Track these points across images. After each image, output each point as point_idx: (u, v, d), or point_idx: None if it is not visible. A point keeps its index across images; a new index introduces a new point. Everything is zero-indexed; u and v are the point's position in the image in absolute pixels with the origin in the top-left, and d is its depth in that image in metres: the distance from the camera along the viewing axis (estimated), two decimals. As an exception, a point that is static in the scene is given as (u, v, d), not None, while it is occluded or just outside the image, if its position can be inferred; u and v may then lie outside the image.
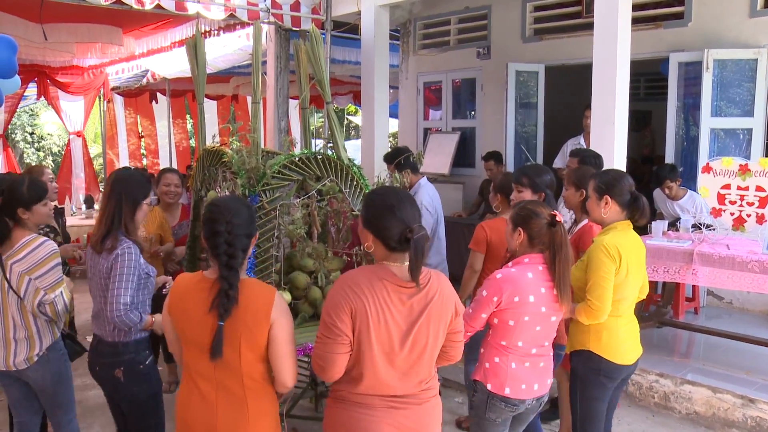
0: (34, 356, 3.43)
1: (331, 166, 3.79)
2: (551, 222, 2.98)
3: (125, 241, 3.14)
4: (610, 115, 5.15)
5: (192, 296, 2.54)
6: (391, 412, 2.46)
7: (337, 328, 2.38)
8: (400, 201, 2.45)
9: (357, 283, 2.41)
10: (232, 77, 11.93)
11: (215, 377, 2.52)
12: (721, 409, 4.69)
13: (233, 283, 2.46)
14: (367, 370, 2.42)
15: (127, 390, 3.21)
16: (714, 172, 5.41)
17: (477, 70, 8.75)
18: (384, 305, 2.39)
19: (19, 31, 6.76)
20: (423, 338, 2.45)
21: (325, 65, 4.07)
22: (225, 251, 2.48)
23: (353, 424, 2.46)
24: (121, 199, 3.18)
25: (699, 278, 4.99)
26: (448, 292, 2.53)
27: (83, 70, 10.79)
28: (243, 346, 2.47)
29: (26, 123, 20.98)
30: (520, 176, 3.95)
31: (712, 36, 6.54)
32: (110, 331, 3.18)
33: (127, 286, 3.09)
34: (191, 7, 6.29)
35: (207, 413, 2.52)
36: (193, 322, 2.52)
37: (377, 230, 2.45)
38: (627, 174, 3.49)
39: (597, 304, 3.20)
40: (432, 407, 2.56)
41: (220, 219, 2.51)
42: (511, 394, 2.98)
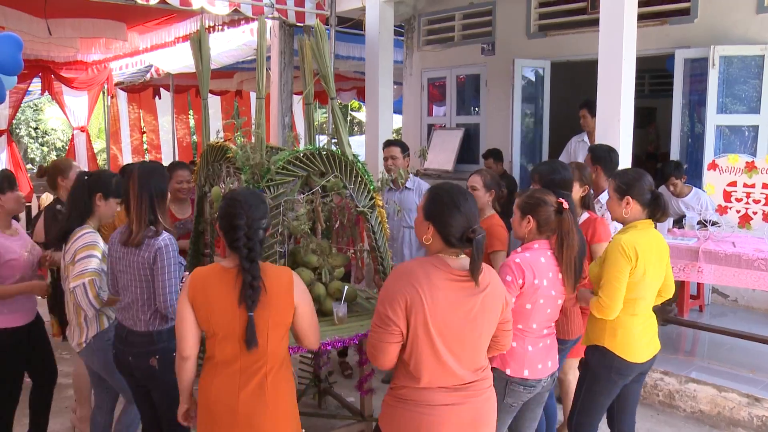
0: (83, 342, 3.61)
1: (335, 162, 3.78)
2: (558, 209, 3.10)
3: (163, 233, 3.21)
4: (615, 111, 5.13)
5: (214, 287, 2.63)
6: (453, 409, 2.50)
7: (389, 319, 2.44)
8: (466, 199, 2.52)
9: (414, 274, 2.46)
10: (236, 73, 11.93)
11: (240, 362, 2.62)
12: (727, 408, 4.67)
13: (256, 275, 2.57)
14: (426, 361, 2.46)
15: (163, 377, 3.23)
16: (720, 170, 5.38)
17: (481, 66, 8.72)
18: (441, 296, 2.43)
19: (23, 26, 6.76)
20: (479, 327, 2.51)
21: (329, 61, 4.05)
22: (245, 244, 2.59)
23: (414, 424, 2.49)
24: (152, 194, 3.23)
25: (704, 276, 4.98)
26: (497, 283, 2.61)
27: (87, 65, 10.79)
28: (270, 329, 2.62)
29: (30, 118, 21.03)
30: (533, 173, 4.02)
31: (718, 32, 6.50)
32: (145, 321, 3.22)
33: (175, 276, 3.19)
34: (196, 3, 6.28)
35: (229, 396, 2.62)
36: (218, 313, 2.61)
37: (441, 225, 2.50)
38: (646, 173, 3.50)
39: (607, 302, 3.25)
40: (487, 398, 2.62)
41: (240, 213, 2.62)
42: (530, 375, 3.08)
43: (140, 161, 3.43)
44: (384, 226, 3.98)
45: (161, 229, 3.22)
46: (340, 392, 4.88)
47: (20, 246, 3.89)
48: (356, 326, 3.79)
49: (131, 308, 3.25)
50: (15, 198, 3.92)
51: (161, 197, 3.28)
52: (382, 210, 3.98)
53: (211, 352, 2.68)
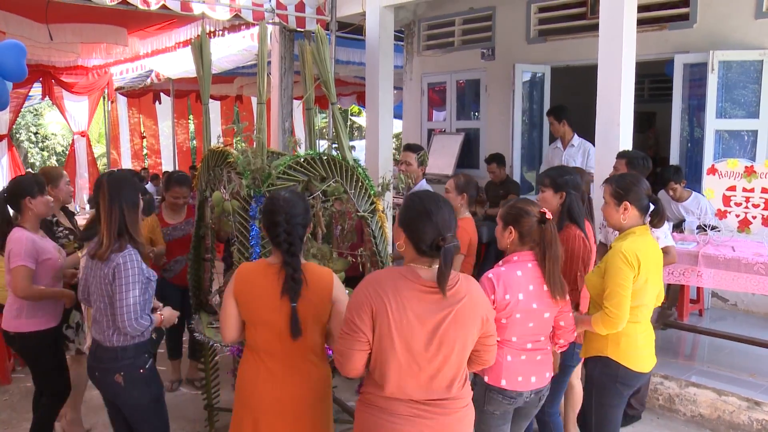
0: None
1: (336, 166, 3.79)
2: (541, 219, 3.02)
3: (127, 248, 3.13)
4: (615, 116, 5.14)
5: (260, 281, 2.79)
6: (415, 421, 2.45)
7: (356, 326, 2.43)
8: (438, 207, 2.48)
9: (380, 282, 2.45)
10: (236, 77, 11.97)
11: (283, 354, 2.77)
12: (726, 412, 4.67)
13: (297, 267, 2.74)
14: (391, 371, 2.43)
15: (128, 395, 3.20)
16: (719, 174, 5.39)
17: (481, 71, 8.74)
18: (407, 305, 2.40)
19: (24, 31, 6.79)
20: (450, 341, 2.44)
21: (330, 66, 4.06)
22: (285, 239, 2.76)
23: (378, 430, 2.48)
24: (122, 206, 3.15)
25: (704, 280, 4.99)
26: (477, 295, 2.54)
27: (88, 70, 10.81)
28: (310, 324, 2.77)
29: (31, 123, 21.06)
30: (542, 176, 3.95)
31: (717, 37, 6.53)
32: (110, 336, 3.16)
33: (135, 293, 3.10)
34: (196, 8, 6.30)
35: (274, 387, 2.78)
36: (264, 306, 2.76)
37: (410, 232, 2.48)
38: (643, 177, 3.47)
39: (615, 312, 3.16)
40: (460, 418, 2.54)
41: (279, 211, 2.79)
42: (507, 386, 3.01)
43: (109, 171, 3.38)
44: (384, 230, 3.99)
45: (125, 244, 3.13)
46: (340, 396, 4.88)
47: (52, 246, 4.00)
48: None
49: (100, 322, 3.20)
50: (45, 202, 3.98)
51: (133, 209, 3.21)
52: (383, 215, 3.99)
53: (253, 344, 2.83)
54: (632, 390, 3.40)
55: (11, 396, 5.29)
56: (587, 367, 3.46)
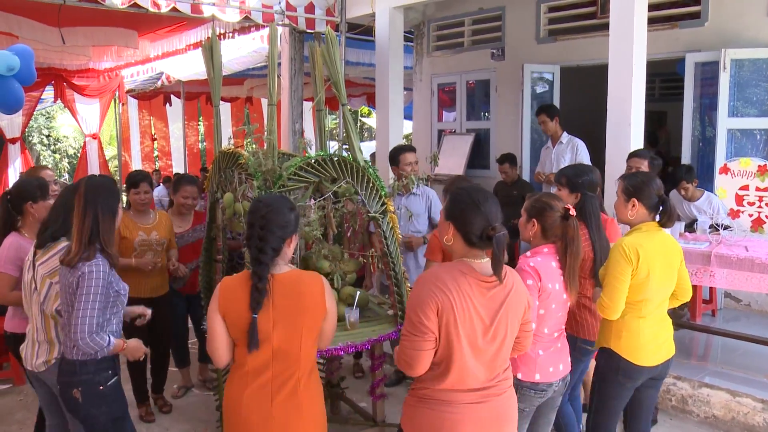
0: (52, 359, 3.35)
1: (346, 167, 3.79)
2: (564, 215, 3.11)
3: (96, 257, 2.97)
4: (626, 115, 5.12)
5: (240, 294, 2.59)
6: (474, 408, 2.51)
7: (423, 326, 2.43)
8: (486, 198, 2.53)
9: (441, 279, 2.47)
10: (246, 79, 11.99)
11: (273, 368, 2.60)
12: (741, 414, 4.64)
13: (262, 276, 2.54)
14: (455, 364, 2.47)
15: (86, 411, 3.05)
16: (732, 173, 5.36)
17: (491, 71, 8.73)
18: (468, 299, 2.44)
19: (37, 35, 6.84)
20: (503, 329, 2.52)
21: (340, 67, 4.07)
22: (256, 245, 2.58)
23: (437, 423, 2.51)
24: (97, 212, 3.01)
25: (716, 280, 4.95)
26: (520, 285, 2.62)
27: (99, 73, 10.87)
28: (305, 333, 2.62)
29: (43, 125, 21.18)
30: (559, 176, 4.00)
31: (729, 35, 6.49)
32: (69, 348, 3.02)
33: (94, 306, 2.92)
34: (206, 10, 6.32)
35: (262, 404, 2.59)
36: (242, 320, 2.57)
37: (460, 224, 2.52)
38: (656, 177, 3.50)
39: (607, 302, 3.27)
40: (509, 397, 2.63)
41: (257, 213, 2.62)
42: (541, 379, 3.09)
43: (89, 175, 3.29)
44: (395, 231, 3.99)
45: (95, 253, 2.97)
46: (352, 397, 4.88)
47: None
48: (368, 331, 3.80)
49: (65, 331, 3.06)
50: (47, 206, 3.80)
51: (111, 216, 3.07)
52: (394, 215, 3.99)
53: (241, 361, 2.63)
54: (636, 383, 3.43)
55: (26, 396, 5.33)
56: (597, 358, 3.56)
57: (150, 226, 4.81)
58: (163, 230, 4.87)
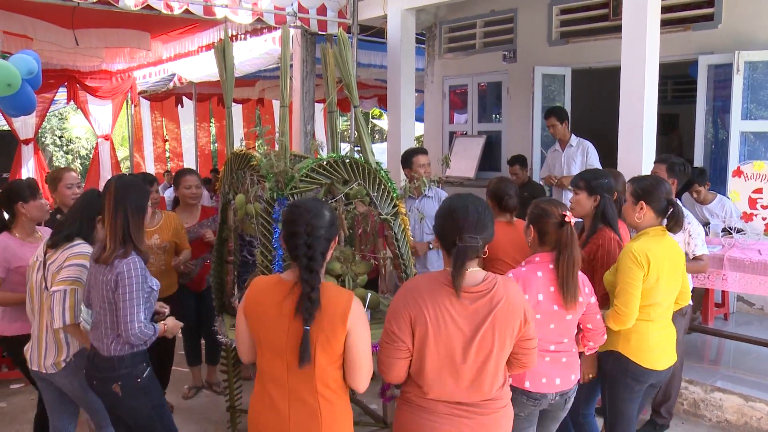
0: (62, 362, 3.40)
1: (358, 169, 3.79)
2: (561, 222, 3.03)
3: (131, 254, 3.06)
4: (638, 118, 5.10)
5: (269, 299, 2.48)
6: (455, 420, 2.48)
7: (395, 335, 2.44)
8: (465, 208, 2.48)
9: (418, 289, 2.46)
10: (258, 81, 12.01)
11: (288, 384, 2.45)
12: (754, 418, 4.61)
13: (315, 286, 2.39)
14: (431, 376, 2.45)
15: (127, 404, 3.15)
16: (745, 176, 5.33)
17: (503, 73, 8.71)
18: (445, 311, 2.41)
19: (51, 36, 6.89)
20: (488, 344, 2.45)
21: (352, 69, 4.07)
22: (305, 253, 2.42)
23: (416, 429, 2.50)
24: (127, 211, 3.09)
25: (729, 284, 4.92)
26: (515, 297, 2.52)
27: (112, 74, 10.93)
28: (318, 351, 2.40)
29: (56, 126, 21.32)
30: (577, 179, 3.95)
31: (742, 37, 6.45)
32: (107, 345, 3.09)
33: (138, 302, 3.04)
34: (219, 12, 6.34)
35: (279, 422, 2.46)
36: (270, 326, 2.46)
37: (438, 232, 2.55)
38: (665, 181, 3.51)
39: (623, 310, 3.25)
40: (499, 418, 2.56)
41: (300, 220, 2.45)
42: (531, 387, 3.02)
43: (118, 174, 3.27)
44: (407, 233, 3.99)
45: (130, 250, 3.06)
46: (362, 399, 4.88)
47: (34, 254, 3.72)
48: (379, 333, 3.79)
49: (97, 329, 3.14)
50: (38, 206, 3.88)
51: (139, 215, 3.14)
52: (405, 218, 3.99)
53: (261, 368, 2.54)
54: (644, 386, 3.42)
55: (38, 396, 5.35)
56: (601, 362, 3.50)
57: (152, 229, 4.70)
58: (166, 233, 4.78)
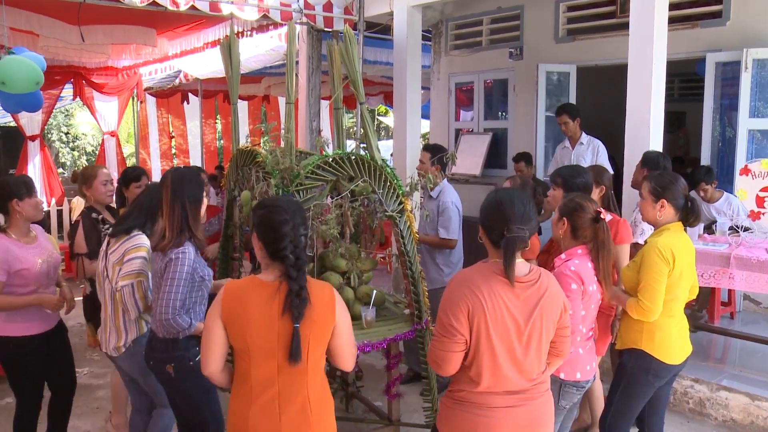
0: (122, 347, 3.58)
1: (364, 166, 3.79)
2: (595, 218, 3.16)
3: (185, 244, 3.15)
4: (645, 116, 5.08)
5: (253, 301, 2.46)
6: (510, 412, 2.52)
7: (453, 328, 2.45)
8: (511, 200, 2.52)
9: (473, 281, 2.48)
10: (264, 78, 12.01)
11: (279, 383, 2.47)
12: (760, 418, 4.59)
13: (303, 285, 2.45)
14: (487, 366, 2.47)
15: (179, 385, 3.24)
16: (753, 175, 5.30)
17: (509, 70, 8.69)
18: (500, 301, 2.45)
19: (57, 33, 6.90)
20: (537, 332, 2.51)
21: (358, 65, 4.07)
22: (292, 252, 2.46)
23: (472, 427, 2.52)
24: (185, 202, 3.18)
25: (736, 282, 4.90)
26: (556, 288, 2.60)
27: (117, 70, 10.95)
28: (312, 345, 2.47)
29: (62, 123, 21.34)
30: (555, 175, 4.06)
31: (751, 35, 6.42)
32: (159, 329, 3.20)
33: (178, 290, 3.07)
34: (225, 8, 6.34)
35: (270, 423, 2.47)
36: (259, 329, 2.44)
37: (484, 224, 2.57)
38: (681, 177, 3.54)
39: (648, 305, 3.29)
40: (545, 401, 2.62)
41: (286, 219, 2.48)
42: (581, 377, 3.16)
43: (173, 167, 3.27)
44: (412, 230, 3.98)
45: (184, 240, 3.15)
46: (367, 396, 4.88)
47: (34, 255, 3.75)
48: (384, 330, 3.80)
49: (155, 312, 3.22)
50: (33, 204, 3.79)
51: (196, 205, 3.23)
52: (411, 215, 3.99)
53: (245, 374, 2.49)
54: (663, 382, 3.48)
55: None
56: (623, 358, 3.55)
57: None
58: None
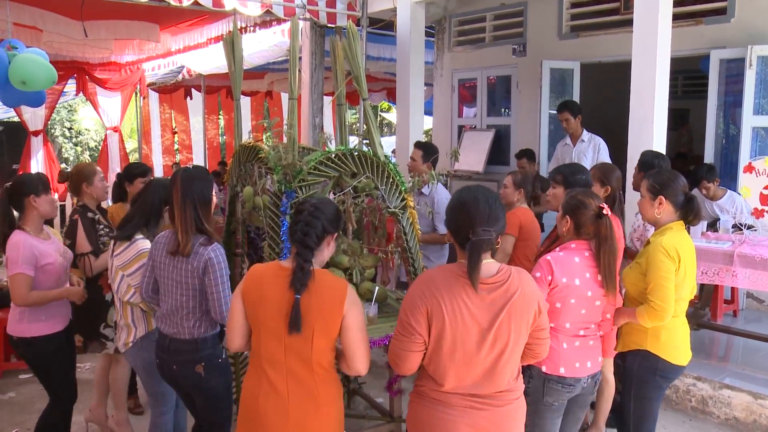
0: (130, 342, 3.63)
1: (367, 162, 3.78)
2: (598, 214, 3.10)
3: (214, 242, 3.18)
4: (648, 113, 5.07)
5: (270, 283, 2.63)
6: (470, 413, 2.48)
7: (411, 327, 2.45)
8: (475, 200, 2.47)
9: (434, 281, 2.46)
10: (267, 73, 12.00)
11: (285, 364, 2.59)
12: (763, 416, 4.58)
13: (308, 259, 2.57)
14: (447, 367, 2.45)
15: (208, 384, 3.25)
16: (756, 172, 5.30)
17: (512, 67, 8.67)
18: (462, 303, 2.41)
19: (60, 28, 6.90)
20: (504, 335, 2.45)
21: (361, 61, 4.06)
22: (301, 230, 2.61)
23: (432, 422, 2.51)
24: (195, 203, 3.17)
25: (739, 280, 4.89)
26: (530, 289, 2.52)
27: (121, 66, 10.93)
28: (316, 334, 2.55)
29: (65, 118, 21.35)
30: (555, 173, 4.06)
31: (755, 32, 6.39)
32: (189, 329, 3.20)
33: (227, 285, 3.16)
34: (228, 4, 6.33)
35: (278, 402, 2.60)
36: (270, 310, 2.59)
37: (449, 225, 2.55)
38: (680, 175, 3.50)
39: (661, 305, 3.20)
40: (513, 410, 2.57)
41: (306, 205, 2.69)
42: (566, 373, 3.06)
43: (184, 167, 3.27)
44: (415, 227, 3.98)
45: (213, 238, 3.18)
46: (369, 392, 4.88)
47: (54, 250, 3.82)
48: (386, 327, 3.79)
49: (174, 316, 3.22)
50: (50, 201, 3.83)
51: (206, 205, 3.22)
52: (414, 211, 3.98)
53: (256, 353, 2.66)
54: (671, 382, 3.46)
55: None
56: (626, 361, 3.49)
57: None
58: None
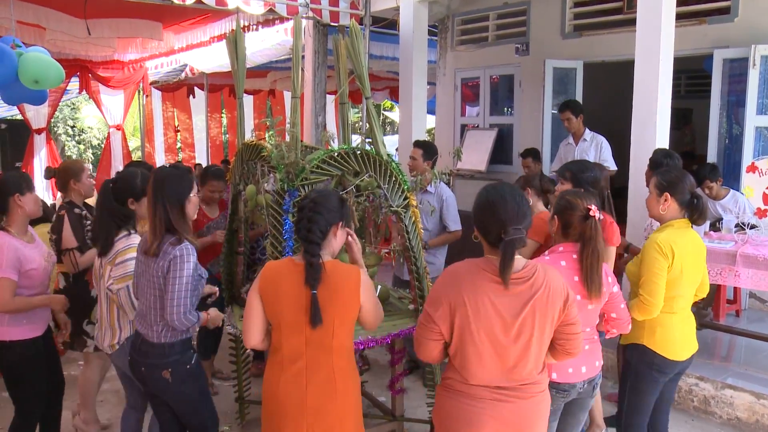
0: (115, 344, 3.63)
1: (369, 161, 3.78)
2: (585, 215, 3.04)
3: (184, 242, 3.10)
4: (651, 113, 5.07)
5: (285, 278, 2.71)
6: (496, 405, 2.52)
7: (431, 318, 2.52)
8: (504, 199, 2.49)
9: (458, 276, 2.51)
10: (270, 72, 12.00)
11: (306, 355, 2.69)
12: (766, 416, 4.57)
13: (315, 253, 2.66)
14: (472, 359, 2.49)
15: (177, 390, 3.20)
16: (760, 172, 5.29)
17: (515, 66, 8.66)
18: (485, 297, 2.45)
19: (63, 26, 6.91)
20: (528, 330, 2.48)
21: (364, 60, 4.05)
22: (305, 226, 2.71)
23: (458, 414, 2.55)
24: (165, 203, 3.09)
25: (741, 280, 4.89)
26: (556, 285, 2.54)
27: (124, 64, 10.95)
28: (336, 324, 2.69)
29: (68, 116, 21.41)
30: (563, 170, 4.05)
31: (759, 31, 6.38)
32: (157, 333, 3.15)
33: (187, 288, 3.07)
34: (231, 2, 6.33)
35: (297, 390, 2.69)
36: (289, 304, 2.68)
37: (478, 225, 2.56)
38: (689, 174, 3.51)
39: (649, 299, 3.28)
40: (537, 402, 2.60)
41: (306, 198, 2.81)
42: (558, 378, 3.03)
43: (158, 168, 3.24)
44: (417, 226, 3.98)
45: (183, 238, 3.09)
46: (371, 391, 4.88)
47: (38, 254, 3.73)
48: (389, 326, 3.79)
49: (147, 316, 3.19)
50: (34, 199, 3.76)
51: (177, 205, 3.13)
52: (416, 210, 3.98)
53: (277, 346, 2.75)
54: (668, 377, 3.47)
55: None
56: (626, 354, 3.55)
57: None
58: None
